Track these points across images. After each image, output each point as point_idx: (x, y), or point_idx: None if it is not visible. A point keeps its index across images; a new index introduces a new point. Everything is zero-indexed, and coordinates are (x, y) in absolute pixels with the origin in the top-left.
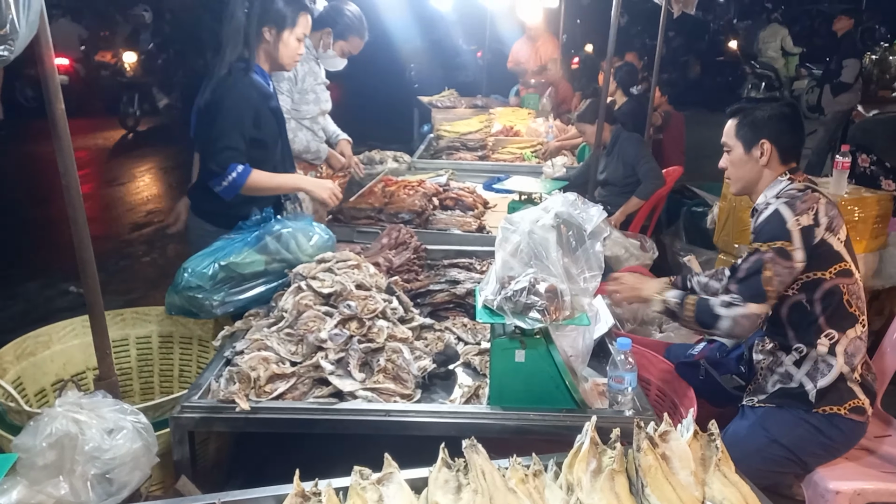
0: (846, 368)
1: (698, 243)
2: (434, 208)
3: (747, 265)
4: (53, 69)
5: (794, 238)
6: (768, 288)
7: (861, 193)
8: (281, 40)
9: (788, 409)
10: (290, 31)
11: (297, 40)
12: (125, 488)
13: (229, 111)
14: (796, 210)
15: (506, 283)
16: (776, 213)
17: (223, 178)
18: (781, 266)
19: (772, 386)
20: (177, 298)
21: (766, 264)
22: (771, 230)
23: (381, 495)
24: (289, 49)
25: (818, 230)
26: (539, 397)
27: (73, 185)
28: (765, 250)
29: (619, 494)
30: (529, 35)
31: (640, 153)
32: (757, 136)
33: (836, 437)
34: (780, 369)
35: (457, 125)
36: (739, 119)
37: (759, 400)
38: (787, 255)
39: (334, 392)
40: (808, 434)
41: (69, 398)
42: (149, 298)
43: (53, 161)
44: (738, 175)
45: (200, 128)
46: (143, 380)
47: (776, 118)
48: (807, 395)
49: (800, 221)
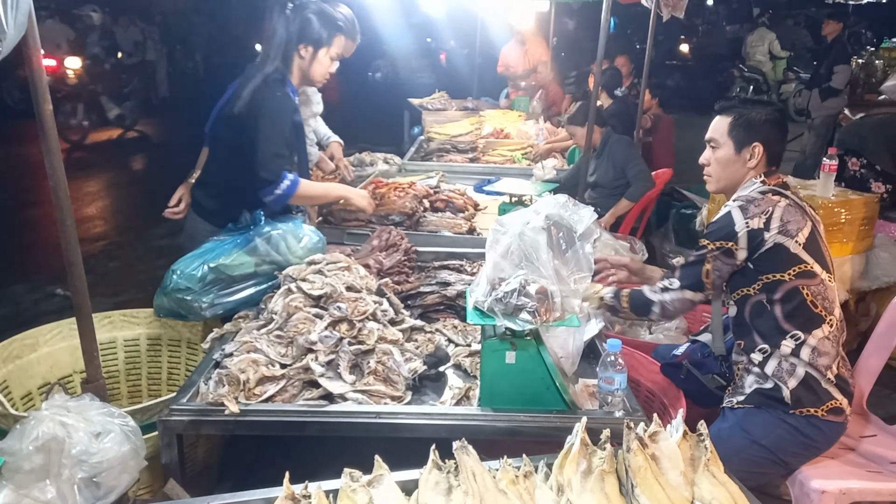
0: (811, 369)
1: (687, 245)
2: (424, 210)
3: (694, 255)
4: (41, 69)
5: (739, 240)
6: (706, 280)
7: (847, 196)
8: (316, 58)
9: (767, 410)
10: (325, 50)
11: (331, 59)
12: (113, 492)
13: (274, 120)
14: (747, 214)
15: (496, 284)
16: (728, 215)
17: (276, 186)
18: (722, 262)
19: (749, 387)
20: (165, 300)
21: (707, 258)
22: (720, 231)
23: (372, 497)
24: (322, 67)
25: (767, 234)
26: (529, 398)
27: (60, 186)
28: (711, 248)
29: (609, 495)
30: (518, 39)
31: (630, 155)
32: (750, 138)
33: (816, 436)
34: (755, 369)
35: (447, 127)
36: (733, 118)
37: (738, 401)
38: (730, 254)
39: (324, 394)
40: (787, 434)
41: (56, 401)
42: (137, 301)
43: (40, 163)
44: (722, 174)
45: (241, 136)
46: (130, 383)
47: (770, 123)
48: (783, 397)
49: (749, 224)
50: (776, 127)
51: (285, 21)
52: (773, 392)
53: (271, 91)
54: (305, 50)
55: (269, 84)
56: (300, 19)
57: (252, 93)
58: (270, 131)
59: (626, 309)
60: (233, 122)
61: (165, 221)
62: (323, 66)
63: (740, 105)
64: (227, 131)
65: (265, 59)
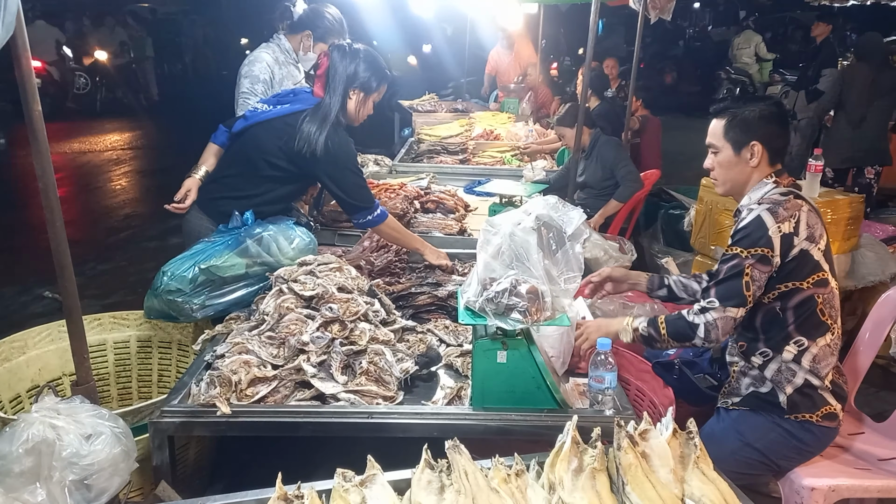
0: (811, 376)
1: (676, 245)
2: (415, 211)
3: (727, 267)
4: (31, 71)
5: (774, 245)
6: (747, 293)
7: (833, 196)
8: (364, 104)
9: (761, 414)
10: (374, 96)
11: (373, 103)
12: (104, 494)
13: (351, 158)
14: (778, 217)
15: (487, 284)
16: (758, 219)
17: (370, 212)
18: (760, 272)
19: (745, 389)
20: (156, 302)
21: (746, 269)
22: (753, 236)
23: (364, 497)
24: (366, 111)
25: (797, 239)
26: (521, 398)
27: (50, 188)
28: (745, 255)
29: (600, 493)
30: (505, 44)
31: (619, 156)
32: (748, 137)
33: (809, 440)
34: (753, 372)
35: (437, 129)
36: (728, 120)
37: (734, 402)
38: (767, 262)
39: (316, 395)
40: (781, 438)
41: (46, 403)
42: (127, 303)
43: (29, 164)
44: (727, 177)
45: (334, 169)
46: (120, 385)
47: (766, 119)
48: (779, 402)
49: (781, 229)
50: (773, 122)
51: (345, 63)
52: (769, 396)
53: (342, 138)
54: (355, 94)
55: (339, 132)
56: (355, 64)
57: (327, 140)
58: (354, 168)
59: (665, 336)
60: (296, 158)
61: (157, 223)
62: (367, 110)
63: (733, 106)
64: (283, 161)
65: (325, 102)
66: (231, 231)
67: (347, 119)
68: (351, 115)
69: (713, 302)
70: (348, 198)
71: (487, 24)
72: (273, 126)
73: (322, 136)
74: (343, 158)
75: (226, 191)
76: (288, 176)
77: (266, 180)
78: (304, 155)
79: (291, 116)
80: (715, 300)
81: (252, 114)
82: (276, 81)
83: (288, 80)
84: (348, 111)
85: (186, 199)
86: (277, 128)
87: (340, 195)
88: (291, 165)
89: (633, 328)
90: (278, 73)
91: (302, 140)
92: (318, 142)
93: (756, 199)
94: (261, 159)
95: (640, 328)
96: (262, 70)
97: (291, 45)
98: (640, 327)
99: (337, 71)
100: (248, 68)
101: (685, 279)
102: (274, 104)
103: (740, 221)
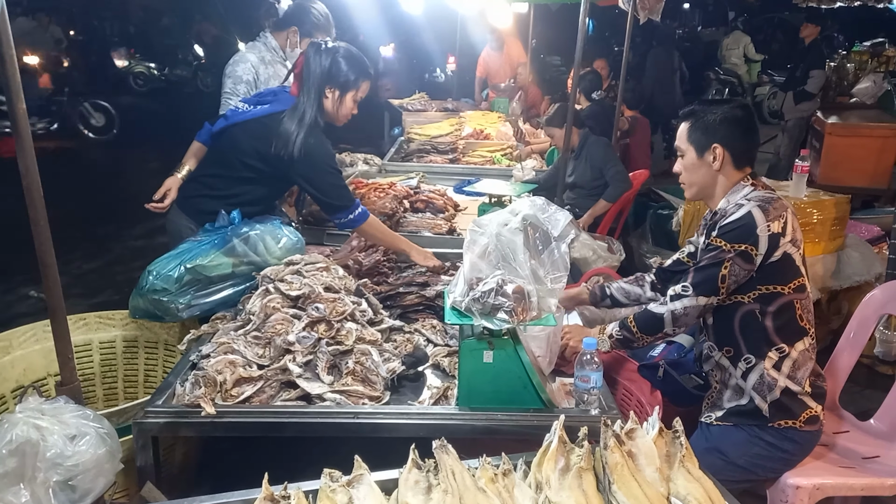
0: (791, 382)
1: (664, 245)
2: (405, 211)
3: (708, 257)
4: (15, 67)
5: (760, 243)
6: (721, 285)
7: (819, 196)
8: (343, 101)
9: (743, 428)
10: (353, 93)
11: (354, 101)
12: (89, 495)
13: (328, 162)
14: (769, 215)
15: (474, 284)
16: (748, 215)
17: (350, 211)
18: (740, 267)
19: (727, 401)
20: (141, 301)
21: (725, 262)
22: (739, 232)
23: (351, 497)
24: (346, 109)
25: (783, 240)
26: (507, 397)
27: (33, 186)
28: (727, 249)
29: (586, 492)
30: (495, 45)
31: (608, 156)
32: (709, 140)
33: (793, 449)
34: (732, 381)
35: (427, 128)
36: (691, 122)
37: (717, 417)
38: (749, 259)
39: (302, 395)
40: (764, 451)
41: (30, 404)
42: (113, 303)
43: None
44: (692, 180)
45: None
46: (106, 386)
47: (728, 122)
48: (760, 411)
49: (770, 227)
50: (734, 125)
51: (319, 61)
52: (749, 408)
53: (318, 139)
54: (331, 92)
55: (315, 133)
56: (331, 62)
57: (303, 143)
58: (330, 169)
59: (638, 332)
60: (272, 159)
61: (142, 222)
62: (347, 108)
63: (698, 109)
64: (259, 162)
65: (301, 102)
66: (218, 230)
67: (327, 119)
68: (329, 114)
69: (687, 288)
70: (326, 198)
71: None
72: (250, 127)
73: (299, 138)
74: (319, 160)
75: (204, 189)
76: (264, 177)
77: (242, 181)
78: (280, 157)
79: (269, 118)
80: (689, 286)
81: (233, 113)
82: (262, 81)
83: (274, 80)
84: (326, 111)
85: (166, 198)
86: (254, 129)
87: (318, 196)
88: (267, 167)
89: (608, 335)
90: (264, 72)
91: (279, 142)
92: (294, 144)
93: (735, 202)
94: (237, 160)
95: (615, 333)
96: (245, 70)
97: (278, 42)
98: (613, 333)
99: (311, 69)
100: (232, 68)
101: (627, 284)
102: (254, 104)
103: (729, 216)
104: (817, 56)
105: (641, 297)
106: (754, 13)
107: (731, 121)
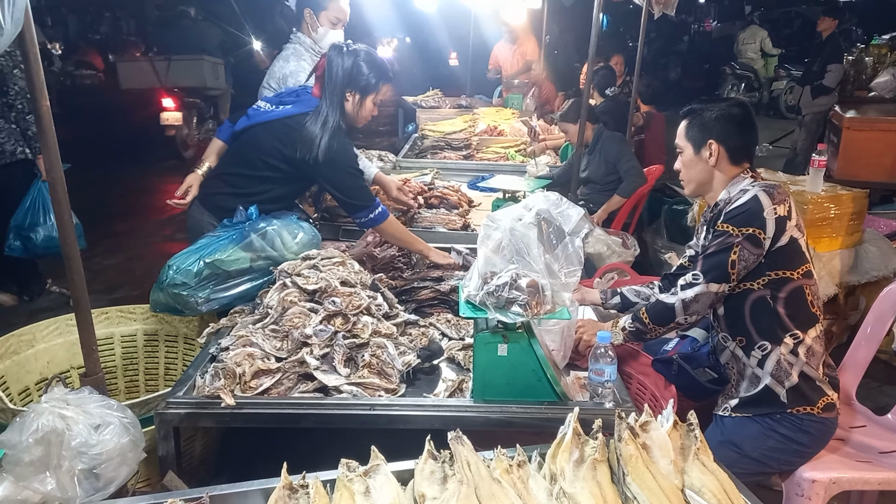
0: (807, 368)
1: (679, 240)
2: (419, 207)
3: (716, 243)
4: (39, 66)
5: (767, 226)
6: (731, 271)
7: (837, 191)
8: (363, 105)
9: (758, 420)
10: (373, 96)
11: (374, 104)
12: (112, 483)
13: (351, 163)
14: (774, 199)
15: (488, 278)
16: (755, 198)
17: (371, 210)
18: (749, 252)
19: (744, 391)
20: (161, 296)
21: (734, 248)
22: (746, 215)
23: (368, 487)
24: (365, 111)
25: (789, 224)
26: (522, 390)
27: (58, 182)
28: (735, 234)
29: (601, 483)
30: (507, 39)
31: (622, 152)
32: (705, 136)
33: (808, 441)
34: (748, 371)
35: (441, 125)
36: (689, 120)
37: (732, 407)
38: (757, 243)
39: (319, 387)
40: (778, 444)
41: (55, 394)
42: (133, 297)
43: None
44: (690, 176)
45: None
46: (128, 379)
47: (723, 119)
48: (779, 397)
49: (777, 210)
50: (730, 122)
51: (341, 63)
52: (766, 395)
53: (342, 143)
54: (352, 95)
55: (338, 136)
56: (353, 65)
57: (327, 146)
58: (352, 171)
59: (650, 324)
60: (295, 161)
61: (163, 217)
62: (366, 111)
63: (697, 107)
64: (281, 163)
65: (324, 105)
66: (236, 226)
67: (347, 121)
68: (350, 116)
69: (697, 276)
70: (347, 198)
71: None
72: (273, 127)
73: (323, 142)
74: (342, 163)
75: (226, 187)
76: (285, 177)
77: (264, 180)
78: (304, 160)
79: (292, 119)
80: (700, 273)
81: (255, 112)
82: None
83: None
84: (347, 113)
85: (187, 194)
86: (277, 129)
87: (339, 196)
88: (290, 168)
89: (620, 328)
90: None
91: (304, 146)
92: (319, 147)
93: (738, 191)
94: (259, 160)
95: (627, 325)
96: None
97: (305, 33)
98: (626, 325)
99: (333, 72)
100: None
101: (638, 287)
102: (276, 104)
103: (734, 202)
104: (835, 50)
105: (651, 297)
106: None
107: (726, 117)
